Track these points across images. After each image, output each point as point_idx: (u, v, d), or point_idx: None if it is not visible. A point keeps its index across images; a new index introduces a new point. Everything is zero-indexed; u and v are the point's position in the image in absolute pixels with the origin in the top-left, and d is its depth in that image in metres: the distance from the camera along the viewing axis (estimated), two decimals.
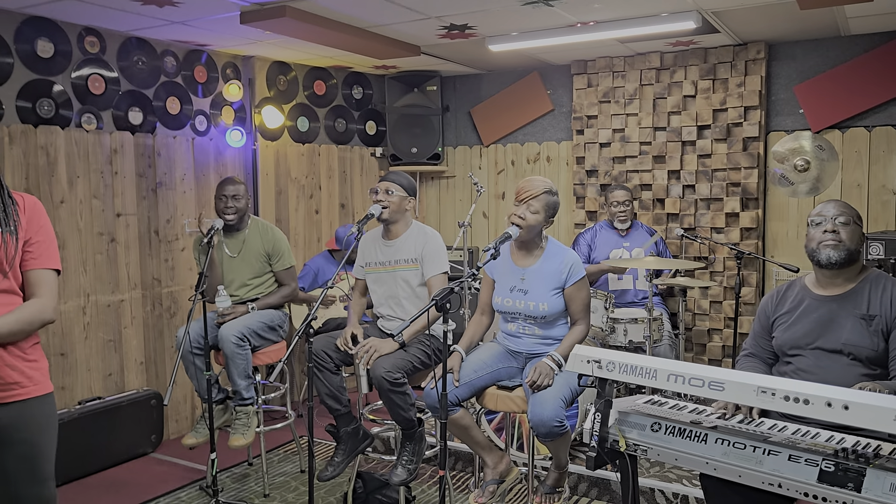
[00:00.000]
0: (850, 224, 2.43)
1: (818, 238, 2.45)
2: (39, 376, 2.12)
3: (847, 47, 4.57)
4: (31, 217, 2.12)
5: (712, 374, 1.97)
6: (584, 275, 2.95)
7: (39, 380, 2.12)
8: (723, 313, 4.97)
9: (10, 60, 3.75)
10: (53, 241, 2.17)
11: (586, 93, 5.31)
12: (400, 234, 3.34)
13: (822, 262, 2.44)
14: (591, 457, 2.22)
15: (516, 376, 3.01)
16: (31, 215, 2.12)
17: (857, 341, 2.38)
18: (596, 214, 5.36)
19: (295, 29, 3.96)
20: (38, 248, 2.11)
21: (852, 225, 2.43)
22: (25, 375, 2.08)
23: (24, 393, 2.08)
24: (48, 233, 2.16)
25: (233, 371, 3.59)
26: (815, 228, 2.48)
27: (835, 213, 2.45)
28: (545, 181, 2.93)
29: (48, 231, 2.17)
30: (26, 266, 2.10)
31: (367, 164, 5.95)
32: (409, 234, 3.34)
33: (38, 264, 2.10)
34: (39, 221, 2.14)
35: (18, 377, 2.07)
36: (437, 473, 3.98)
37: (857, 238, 2.44)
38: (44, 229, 2.14)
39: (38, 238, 2.12)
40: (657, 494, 3.49)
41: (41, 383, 2.13)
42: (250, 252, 3.81)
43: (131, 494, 3.78)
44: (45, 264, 2.12)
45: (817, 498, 1.86)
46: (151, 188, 4.45)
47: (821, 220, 2.46)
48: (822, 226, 2.45)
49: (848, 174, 4.64)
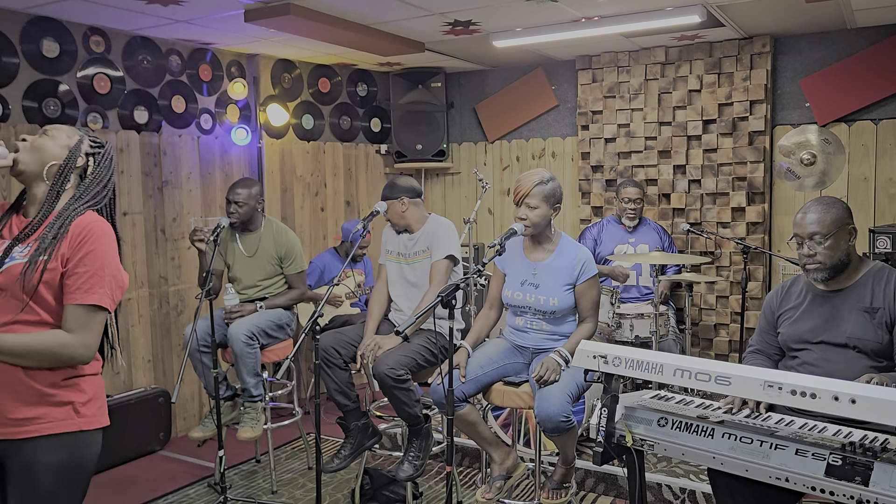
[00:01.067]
0: (828, 239, 2.38)
1: (802, 260, 2.45)
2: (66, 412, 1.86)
3: (853, 40, 4.55)
4: (74, 245, 1.87)
5: (718, 368, 1.97)
6: (596, 273, 2.95)
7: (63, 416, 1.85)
8: (729, 308, 4.96)
9: (16, 60, 3.77)
10: (98, 274, 1.87)
11: (591, 88, 5.30)
12: (418, 228, 3.40)
13: (811, 280, 2.48)
14: (598, 452, 2.22)
15: (523, 372, 3.01)
16: (75, 243, 1.87)
17: (862, 334, 2.39)
18: (601, 210, 5.35)
19: (299, 26, 3.97)
20: (75, 281, 1.86)
21: (831, 238, 2.37)
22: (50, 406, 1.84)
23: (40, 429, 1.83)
24: (93, 263, 1.87)
25: (242, 369, 3.61)
26: (797, 247, 2.46)
27: (808, 231, 2.41)
28: (534, 173, 2.93)
29: (93, 261, 1.87)
30: (65, 300, 1.86)
31: (372, 162, 5.95)
32: (425, 227, 3.41)
33: (71, 299, 1.85)
34: (84, 249, 1.87)
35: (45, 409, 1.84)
36: (444, 469, 3.98)
37: (839, 246, 2.39)
38: (88, 258, 1.87)
39: (78, 269, 1.86)
40: (664, 489, 3.49)
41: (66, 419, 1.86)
42: (263, 253, 3.84)
43: (140, 492, 3.80)
44: (79, 299, 1.85)
45: (825, 492, 1.86)
46: (157, 187, 4.47)
47: (799, 240, 2.44)
48: (801, 247, 2.44)
49: (854, 168, 4.62)
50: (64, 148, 2.00)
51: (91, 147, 2.05)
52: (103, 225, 1.95)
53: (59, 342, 1.83)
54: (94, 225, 1.91)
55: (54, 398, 1.85)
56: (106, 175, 2.06)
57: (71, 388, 1.88)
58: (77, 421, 1.88)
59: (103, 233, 1.92)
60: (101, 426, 1.94)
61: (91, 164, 2.04)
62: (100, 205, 2.03)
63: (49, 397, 1.85)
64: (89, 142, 2.06)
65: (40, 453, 1.83)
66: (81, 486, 1.92)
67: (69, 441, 1.87)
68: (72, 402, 1.87)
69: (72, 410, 1.87)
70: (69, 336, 1.84)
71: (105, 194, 2.05)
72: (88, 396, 1.91)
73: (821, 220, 2.40)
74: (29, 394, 1.83)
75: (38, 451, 1.83)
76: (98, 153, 2.06)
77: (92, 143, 2.06)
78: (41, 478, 1.84)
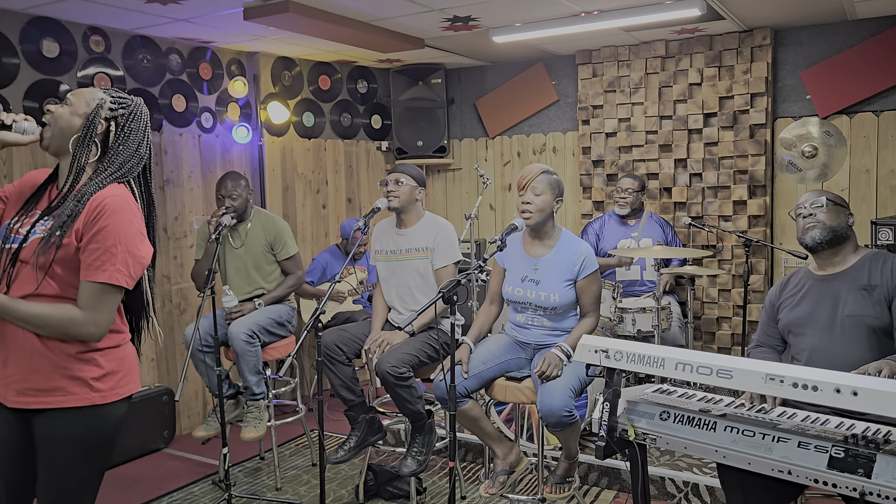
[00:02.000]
0: (826, 206, 2.55)
1: (801, 225, 2.59)
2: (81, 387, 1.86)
3: (854, 32, 4.53)
4: (89, 221, 1.83)
5: (720, 361, 1.97)
6: (597, 268, 2.95)
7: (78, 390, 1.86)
8: (731, 301, 4.96)
9: (16, 61, 3.77)
10: (111, 251, 1.82)
11: (591, 82, 5.29)
12: (412, 223, 3.37)
13: (808, 244, 2.57)
14: (600, 446, 2.23)
15: (525, 367, 3.02)
16: (89, 219, 1.83)
17: (861, 311, 2.44)
18: (603, 205, 5.35)
19: (298, 24, 3.97)
20: (87, 258, 1.83)
21: (829, 206, 2.55)
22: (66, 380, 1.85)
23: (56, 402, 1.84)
24: (105, 239, 1.82)
25: (243, 367, 3.61)
26: (798, 219, 2.62)
27: (811, 199, 2.59)
28: (540, 165, 2.97)
29: (106, 237, 1.82)
30: (80, 276, 1.84)
31: (373, 159, 5.96)
32: (421, 223, 3.37)
33: (84, 276, 1.83)
34: (97, 225, 1.82)
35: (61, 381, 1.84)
36: (447, 464, 3.99)
37: (839, 217, 2.56)
38: (101, 235, 1.82)
39: (91, 245, 1.82)
40: (667, 483, 3.50)
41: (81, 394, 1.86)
42: (253, 243, 3.82)
43: (145, 489, 3.82)
44: (90, 276, 1.82)
45: (827, 484, 1.86)
46: (159, 186, 4.47)
47: (801, 210, 2.60)
48: (801, 215, 2.59)
49: (856, 160, 4.61)
50: (82, 116, 1.89)
51: (112, 110, 1.92)
52: (121, 200, 1.86)
53: (68, 318, 1.83)
54: (110, 200, 1.84)
55: (69, 372, 1.85)
56: (134, 140, 1.93)
57: (86, 362, 1.88)
58: (91, 396, 1.87)
59: (119, 208, 1.84)
60: (118, 398, 1.93)
61: (113, 128, 1.92)
62: (129, 175, 1.92)
63: (64, 370, 1.85)
64: (110, 103, 1.92)
65: (58, 426, 1.86)
66: (101, 457, 1.93)
67: (84, 415, 1.87)
68: (86, 377, 1.87)
69: (86, 385, 1.87)
70: (80, 313, 1.83)
71: (135, 162, 1.93)
72: (104, 371, 1.90)
73: (820, 194, 2.61)
74: (45, 364, 1.84)
75: (56, 423, 1.86)
76: (121, 115, 1.92)
77: (112, 105, 1.92)
78: (59, 449, 1.86)
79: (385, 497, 3.64)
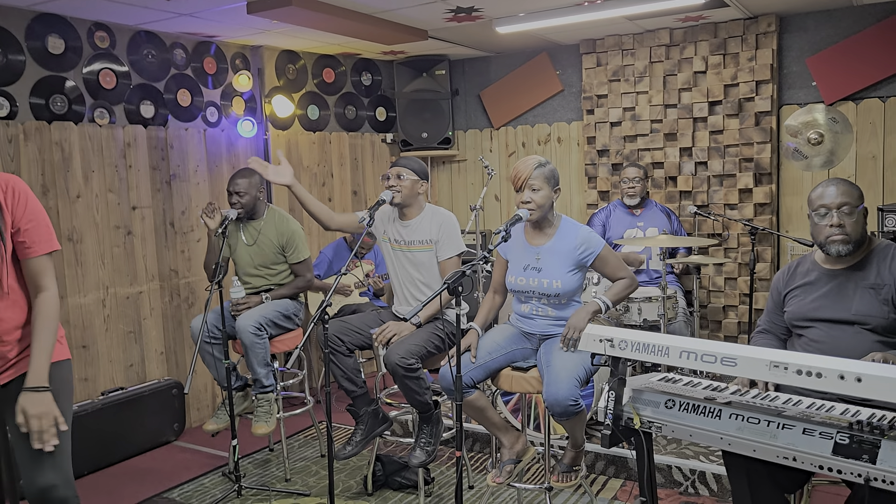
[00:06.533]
0: (854, 211, 2.41)
1: (825, 232, 2.44)
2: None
3: (859, 17, 4.50)
4: (14, 203, 1.97)
5: (724, 349, 1.97)
6: (603, 245, 2.92)
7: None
8: (738, 290, 4.96)
9: (22, 58, 3.79)
10: (45, 220, 2.01)
11: (596, 72, 5.28)
12: (414, 216, 3.38)
13: (832, 254, 2.46)
14: (606, 435, 2.23)
15: (531, 357, 3.03)
16: (13, 201, 1.97)
17: (867, 311, 2.40)
18: (608, 194, 5.34)
19: (301, 17, 3.97)
20: (31, 235, 1.98)
21: (856, 212, 2.41)
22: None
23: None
24: (37, 213, 2.00)
25: (252, 360, 3.64)
26: (820, 219, 2.45)
27: (837, 201, 2.41)
28: (530, 158, 2.93)
29: (36, 211, 2.00)
30: (24, 255, 1.98)
31: (378, 151, 5.96)
32: (423, 215, 3.37)
33: (35, 251, 1.98)
34: (26, 204, 1.98)
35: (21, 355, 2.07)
36: (454, 455, 4.01)
37: (863, 222, 2.44)
38: (31, 211, 1.99)
39: (29, 224, 1.98)
40: (674, 471, 3.51)
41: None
42: (265, 242, 3.84)
43: (155, 482, 3.86)
44: (43, 250, 2.00)
45: (832, 470, 1.87)
46: (165, 180, 4.50)
47: (825, 211, 2.43)
48: (827, 218, 2.43)
49: (862, 146, 4.59)
50: None
51: None
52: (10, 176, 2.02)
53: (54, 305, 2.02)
54: (8, 179, 2.01)
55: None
56: None
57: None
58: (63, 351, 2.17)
59: (18, 179, 2.02)
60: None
61: None
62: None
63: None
64: None
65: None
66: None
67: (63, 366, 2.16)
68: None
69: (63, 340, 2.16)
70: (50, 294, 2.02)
71: None
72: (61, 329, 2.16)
73: (849, 192, 2.43)
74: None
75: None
76: None
77: None
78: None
79: (393, 487, 3.66)
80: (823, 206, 2.44)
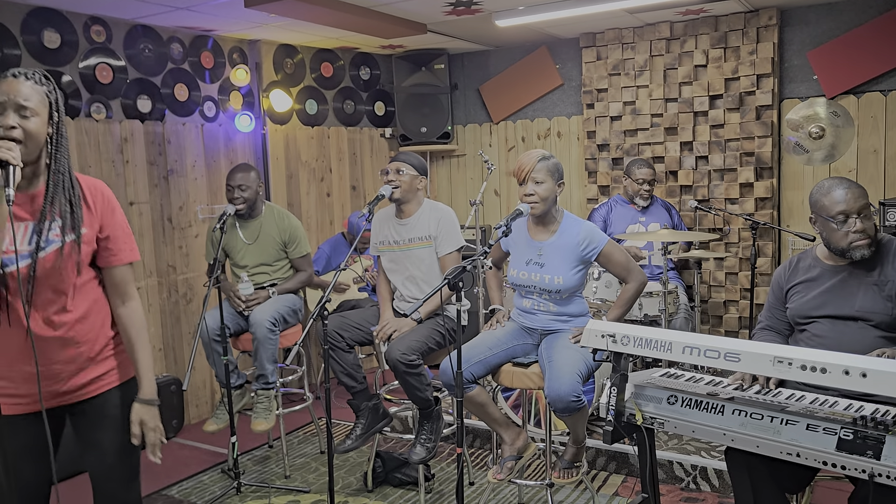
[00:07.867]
0: (871, 213, 2.37)
1: (849, 238, 2.37)
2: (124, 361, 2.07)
3: (861, 10, 4.48)
4: (102, 209, 1.94)
5: (728, 345, 1.96)
6: (606, 241, 2.91)
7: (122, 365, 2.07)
8: (738, 284, 4.94)
9: (18, 52, 3.76)
10: (129, 230, 2.01)
11: (596, 66, 5.25)
12: (413, 212, 3.36)
13: (856, 258, 2.40)
14: (608, 431, 2.22)
15: (532, 353, 3.01)
16: (101, 207, 1.94)
17: (871, 307, 2.39)
18: (608, 189, 5.32)
19: (299, 10, 3.94)
20: (118, 243, 1.96)
21: (872, 213, 2.38)
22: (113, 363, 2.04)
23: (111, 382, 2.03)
24: (123, 221, 1.99)
25: (262, 356, 3.60)
26: (840, 225, 2.37)
27: (857, 205, 2.35)
28: (533, 151, 2.92)
29: (122, 220, 1.98)
30: (107, 262, 1.95)
31: (376, 146, 5.94)
32: (421, 211, 3.35)
33: (120, 259, 1.97)
34: (114, 211, 1.96)
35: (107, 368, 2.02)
36: (455, 451, 4.00)
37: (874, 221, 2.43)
38: (119, 218, 1.97)
39: (116, 232, 1.95)
40: (675, 467, 3.50)
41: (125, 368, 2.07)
42: (266, 239, 3.82)
43: (154, 478, 3.84)
44: (127, 258, 1.98)
45: (836, 466, 1.85)
46: (163, 176, 4.47)
47: (845, 217, 2.36)
48: (849, 224, 2.36)
49: (864, 140, 4.57)
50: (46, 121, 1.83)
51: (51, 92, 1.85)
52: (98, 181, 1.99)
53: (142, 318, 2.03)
54: (97, 183, 1.96)
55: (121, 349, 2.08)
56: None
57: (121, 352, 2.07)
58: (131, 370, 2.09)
59: (105, 185, 1.98)
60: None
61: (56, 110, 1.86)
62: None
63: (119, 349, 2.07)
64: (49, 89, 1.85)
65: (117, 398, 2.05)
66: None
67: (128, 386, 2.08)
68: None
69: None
70: (136, 306, 2.01)
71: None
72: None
73: (864, 194, 2.39)
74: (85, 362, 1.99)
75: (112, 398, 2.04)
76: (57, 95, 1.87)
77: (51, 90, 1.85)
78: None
79: (393, 484, 3.65)
80: (843, 213, 2.36)
